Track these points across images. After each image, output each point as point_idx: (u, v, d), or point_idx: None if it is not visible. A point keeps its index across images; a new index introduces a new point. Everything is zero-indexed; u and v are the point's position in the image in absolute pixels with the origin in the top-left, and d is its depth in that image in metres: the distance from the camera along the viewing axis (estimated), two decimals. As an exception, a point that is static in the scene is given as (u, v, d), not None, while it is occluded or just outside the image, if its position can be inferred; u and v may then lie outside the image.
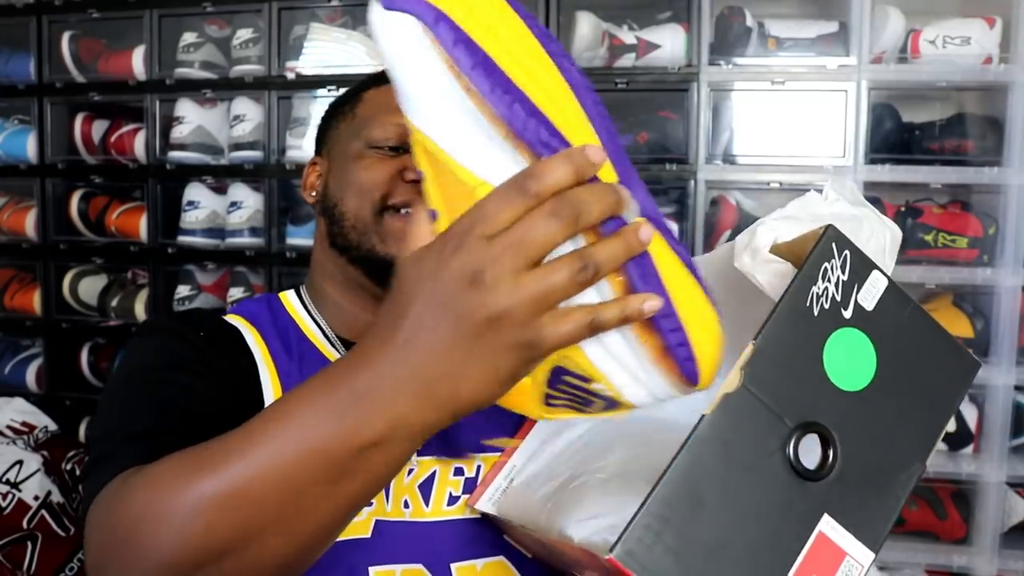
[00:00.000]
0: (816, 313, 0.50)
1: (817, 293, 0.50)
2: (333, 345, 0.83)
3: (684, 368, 0.44)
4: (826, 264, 0.51)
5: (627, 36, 1.79)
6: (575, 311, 0.42)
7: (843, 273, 0.51)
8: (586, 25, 1.76)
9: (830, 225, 0.52)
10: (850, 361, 0.50)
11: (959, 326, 1.72)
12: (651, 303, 0.42)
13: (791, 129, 1.78)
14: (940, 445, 1.73)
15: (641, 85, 1.76)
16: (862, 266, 0.52)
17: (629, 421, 0.74)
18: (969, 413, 1.72)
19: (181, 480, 0.47)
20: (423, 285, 0.43)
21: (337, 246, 0.84)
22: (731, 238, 1.76)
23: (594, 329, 0.42)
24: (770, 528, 0.47)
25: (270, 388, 0.76)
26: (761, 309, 0.54)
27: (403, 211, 0.81)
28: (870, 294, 0.52)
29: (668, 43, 1.76)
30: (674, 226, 1.79)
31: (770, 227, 0.57)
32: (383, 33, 0.45)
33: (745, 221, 1.79)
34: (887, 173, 1.69)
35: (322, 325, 0.84)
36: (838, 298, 0.51)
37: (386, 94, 0.82)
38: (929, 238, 1.73)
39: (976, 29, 1.66)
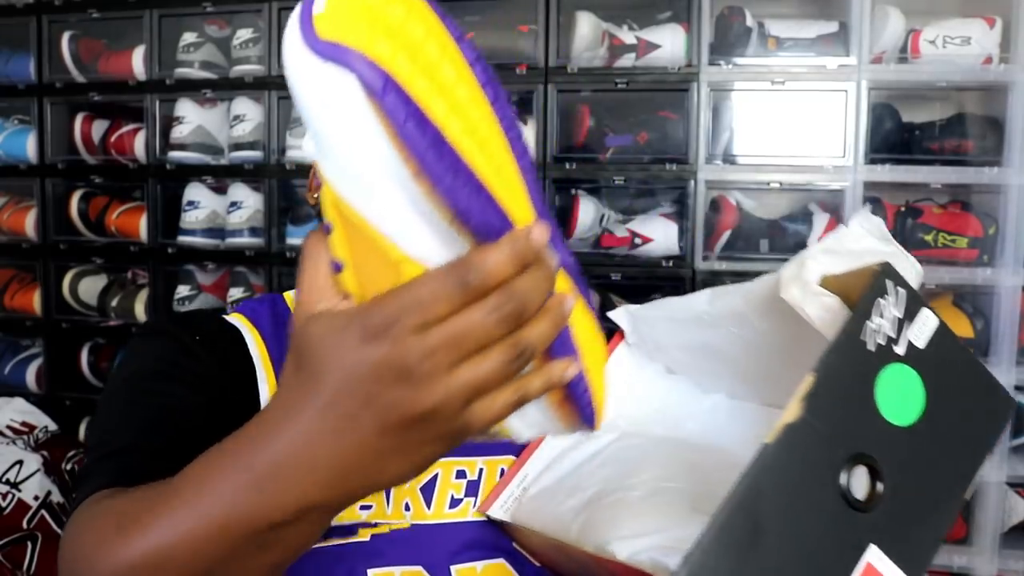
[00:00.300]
0: (870, 348, 0.51)
1: (872, 328, 0.51)
2: None
3: (584, 414, 0.45)
4: (881, 300, 0.52)
5: (627, 36, 1.79)
6: (502, 392, 0.40)
7: (897, 310, 0.52)
8: (586, 25, 1.76)
9: (886, 262, 0.53)
10: (900, 396, 0.52)
11: (959, 326, 1.72)
12: (571, 370, 0.42)
13: (791, 129, 1.78)
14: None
15: (641, 85, 1.76)
16: (914, 304, 0.53)
17: (654, 441, 0.76)
18: (969, 413, 1.71)
19: (106, 544, 0.47)
20: (341, 366, 0.40)
21: None
22: (731, 238, 1.77)
23: (521, 404, 0.41)
24: (822, 556, 0.48)
25: (267, 391, 0.75)
26: (806, 340, 0.56)
27: None
28: (921, 332, 0.53)
29: (668, 43, 1.76)
30: (673, 226, 1.79)
31: (819, 260, 0.58)
32: (309, 83, 0.39)
33: (745, 221, 1.79)
34: (887, 173, 1.69)
35: None
36: (892, 334, 0.52)
37: None
38: (929, 238, 1.73)
39: (976, 29, 1.66)
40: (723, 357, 0.74)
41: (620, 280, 1.81)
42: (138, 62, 2.00)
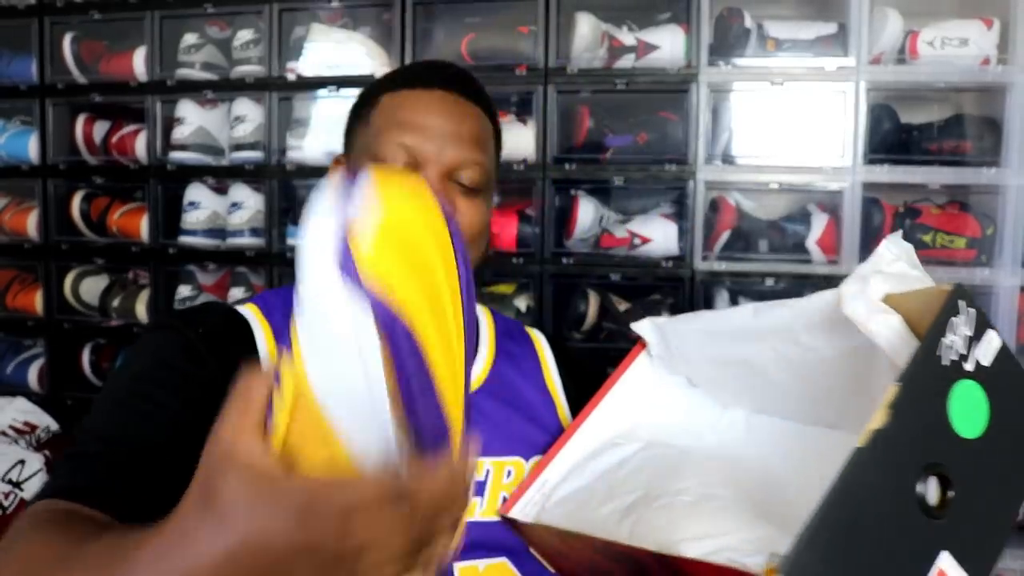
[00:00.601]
0: (945, 363, 0.54)
1: (946, 345, 0.54)
2: None
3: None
4: (954, 319, 0.55)
5: (627, 37, 1.79)
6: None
7: (968, 329, 0.56)
8: (586, 26, 1.77)
9: (959, 284, 0.56)
10: (969, 410, 0.55)
11: (957, 326, 1.73)
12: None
13: (790, 130, 1.78)
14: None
15: (640, 86, 1.77)
16: (982, 324, 0.57)
17: (681, 451, 0.77)
18: (967, 413, 1.72)
19: None
20: (261, 530, 0.42)
21: None
22: (730, 239, 1.77)
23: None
24: (900, 559, 0.50)
25: None
26: (855, 359, 0.59)
27: None
28: (987, 351, 0.57)
29: (667, 44, 1.77)
30: (673, 227, 1.79)
31: (880, 279, 0.61)
32: (329, 301, 0.43)
33: (744, 222, 1.80)
34: (885, 174, 1.69)
35: None
36: (963, 351, 0.55)
37: (400, 102, 0.83)
38: (927, 239, 1.73)
39: (974, 30, 1.67)
40: (756, 371, 0.76)
41: (620, 280, 1.81)
42: (139, 63, 2.01)
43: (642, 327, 0.85)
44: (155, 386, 0.72)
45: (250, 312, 0.80)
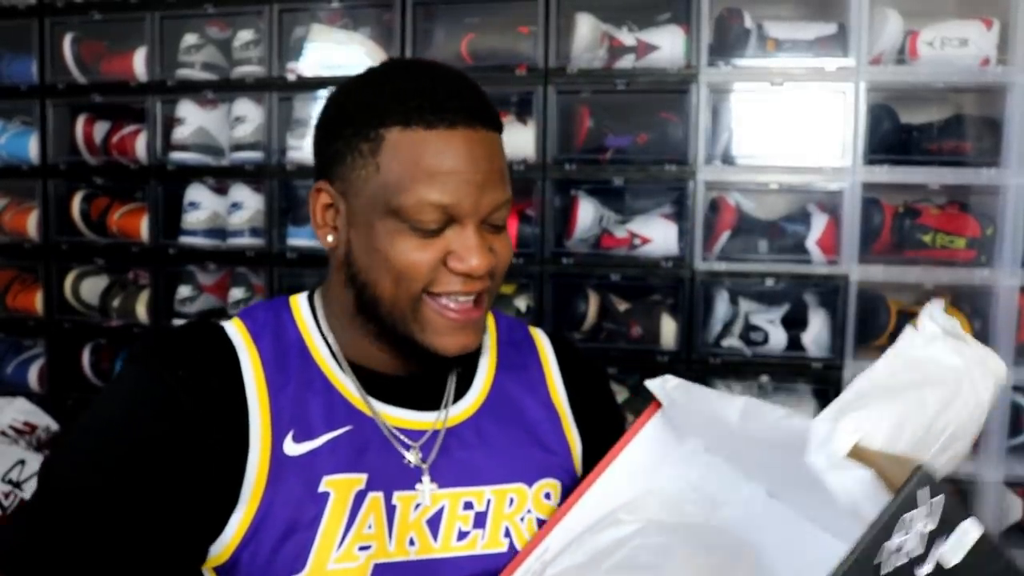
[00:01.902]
0: (885, 571, 0.45)
1: (891, 548, 0.44)
2: (341, 368, 0.79)
3: None
4: (910, 514, 0.45)
5: (627, 38, 1.79)
6: None
7: (930, 522, 0.45)
8: (586, 26, 1.77)
9: (922, 468, 0.46)
10: None
11: (957, 326, 1.73)
12: None
13: (790, 130, 1.78)
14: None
15: (641, 86, 1.77)
16: (954, 514, 0.46)
17: (677, 533, 0.70)
18: (967, 413, 1.72)
19: None
20: None
21: (366, 315, 0.77)
22: (730, 239, 1.77)
23: None
24: None
25: (257, 415, 0.73)
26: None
27: (446, 299, 0.74)
28: (957, 546, 0.46)
29: (667, 44, 1.77)
30: (673, 227, 1.79)
31: (854, 424, 0.51)
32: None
33: (744, 222, 1.80)
34: (885, 174, 1.69)
35: (332, 346, 0.80)
36: (919, 551, 0.45)
37: (420, 148, 0.71)
38: (927, 239, 1.73)
39: (973, 31, 1.67)
40: (759, 459, 0.69)
41: (620, 280, 1.82)
42: (139, 64, 2.01)
43: (656, 387, 0.76)
44: (121, 464, 0.70)
45: (237, 333, 0.77)
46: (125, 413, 0.73)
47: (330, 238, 0.78)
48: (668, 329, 1.80)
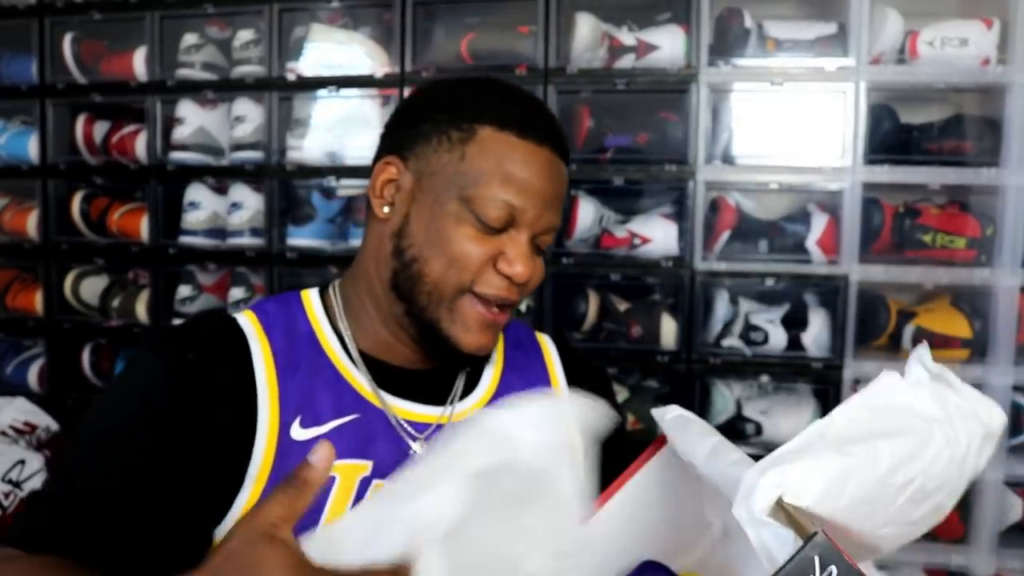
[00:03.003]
0: None
1: None
2: (352, 360, 0.80)
3: None
4: None
5: (627, 37, 1.79)
6: None
7: None
8: (586, 26, 1.77)
9: (817, 532, 0.44)
10: None
11: (958, 326, 1.73)
12: None
13: (790, 130, 1.78)
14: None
15: (641, 86, 1.77)
16: None
17: None
18: (967, 413, 1.72)
19: None
20: None
21: (400, 292, 0.80)
22: (730, 239, 1.77)
23: None
24: None
25: (267, 402, 0.74)
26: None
27: (482, 300, 0.78)
28: None
29: (667, 44, 1.77)
30: (673, 227, 1.79)
31: (777, 479, 0.49)
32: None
33: (744, 222, 1.80)
34: (885, 174, 1.69)
35: (344, 336, 0.82)
36: None
37: (510, 150, 0.76)
38: (928, 239, 1.73)
39: (974, 30, 1.67)
40: (718, 499, 0.65)
41: (620, 280, 1.82)
42: (139, 63, 2.01)
43: (659, 417, 0.71)
44: (139, 432, 0.71)
45: (249, 323, 0.78)
46: (139, 391, 0.74)
47: (386, 209, 0.81)
48: (668, 329, 1.80)
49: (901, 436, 0.53)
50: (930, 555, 1.71)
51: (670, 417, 0.70)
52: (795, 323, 1.77)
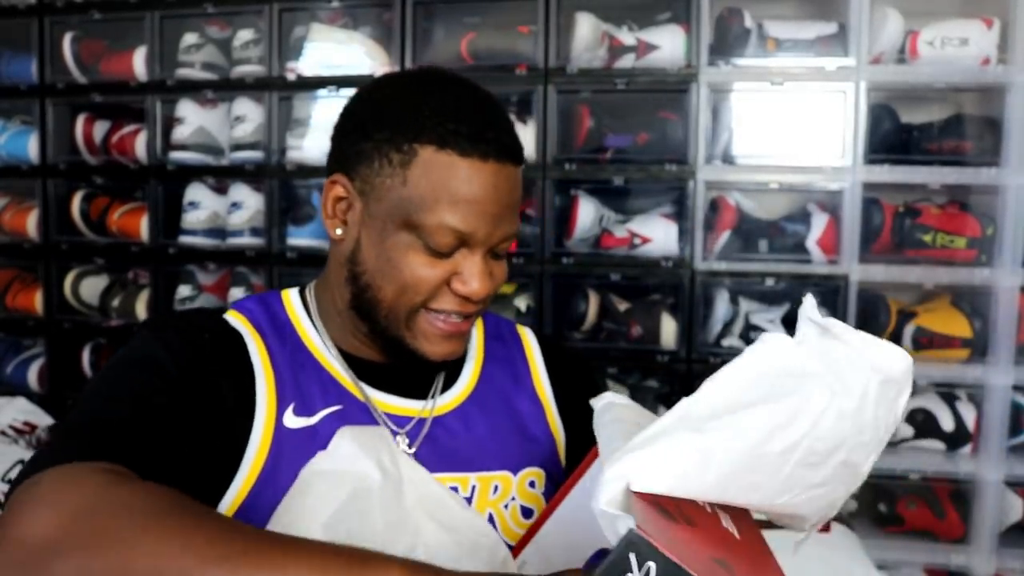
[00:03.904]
0: None
1: None
2: (332, 355, 0.81)
3: None
4: None
5: (627, 37, 1.79)
6: None
7: None
8: (586, 26, 1.77)
9: (631, 529, 0.43)
10: None
11: (958, 326, 1.73)
12: None
13: (790, 130, 1.78)
14: (938, 445, 1.74)
15: (641, 86, 1.77)
16: None
17: None
18: (967, 413, 1.72)
19: (191, 550, 0.53)
20: None
21: (360, 313, 0.80)
22: (730, 239, 1.77)
23: None
24: None
25: (264, 391, 0.75)
26: None
27: (441, 315, 0.77)
28: None
29: (668, 44, 1.77)
30: (673, 226, 1.79)
31: (620, 470, 0.48)
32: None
33: (744, 221, 1.80)
34: (886, 174, 1.69)
35: (322, 334, 0.82)
36: None
37: (451, 172, 0.73)
38: (928, 238, 1.73)
39: (974, 30, 1.67)
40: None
41: (620, 280, 1.81)
42: (139, 63, 2.00)
43: (596, 409, 0.68)
44: (165, 371, 0.71)
45: (238, 322, 0.79)
46: (151, 360, 0.73)
47: (339, 231, 0.79)
48: (668, 329, 1.80)
49: (773, 401, 0.52)
50: (931, 555, 1.71)
51: (599, 407, 0.68)
52: (795, 323, 1.77)
